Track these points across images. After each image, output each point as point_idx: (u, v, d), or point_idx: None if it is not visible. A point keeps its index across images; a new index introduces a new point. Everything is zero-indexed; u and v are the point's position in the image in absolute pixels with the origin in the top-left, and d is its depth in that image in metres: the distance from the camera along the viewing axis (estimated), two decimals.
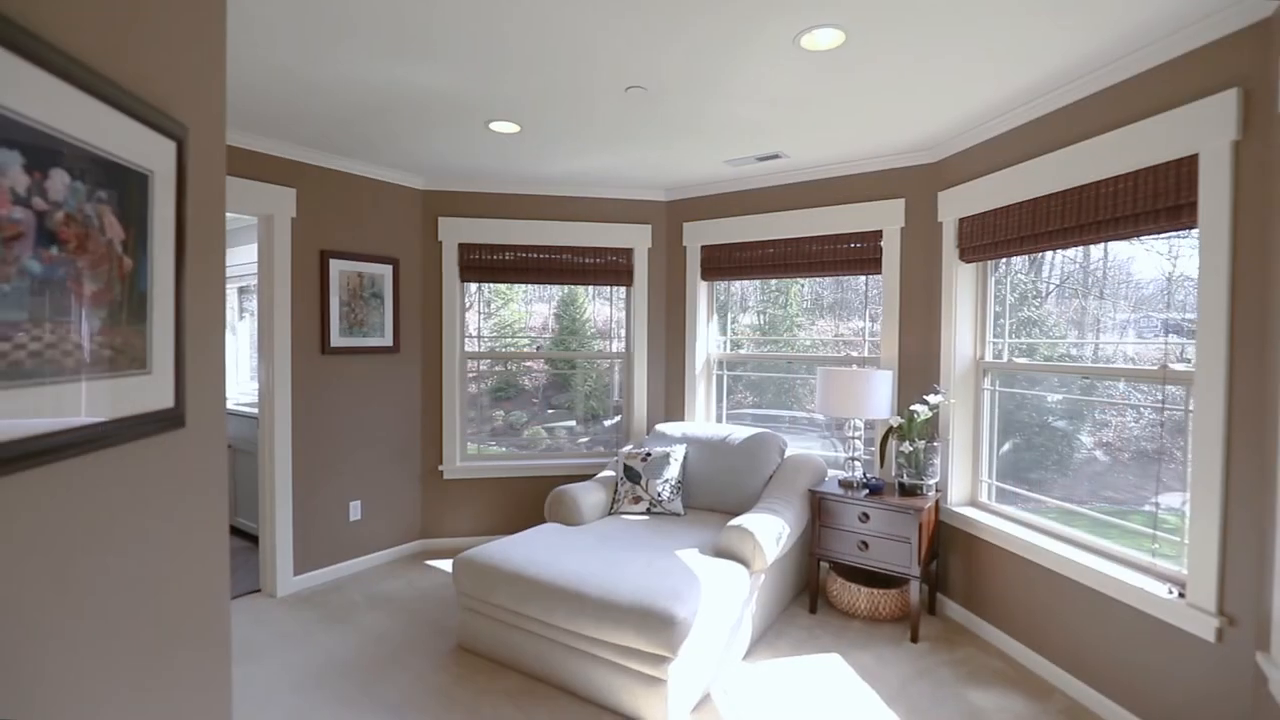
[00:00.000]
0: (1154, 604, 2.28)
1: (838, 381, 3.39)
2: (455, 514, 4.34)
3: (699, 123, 3.08)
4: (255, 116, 3.06)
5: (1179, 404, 2.54)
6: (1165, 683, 2.26)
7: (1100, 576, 2.49)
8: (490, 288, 5.66)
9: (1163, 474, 2.62)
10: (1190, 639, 2.17)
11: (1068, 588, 2.66)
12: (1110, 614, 2.47)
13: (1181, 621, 2.19)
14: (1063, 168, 2.63)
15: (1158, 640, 2.29)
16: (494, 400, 9.61)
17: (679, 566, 2.79)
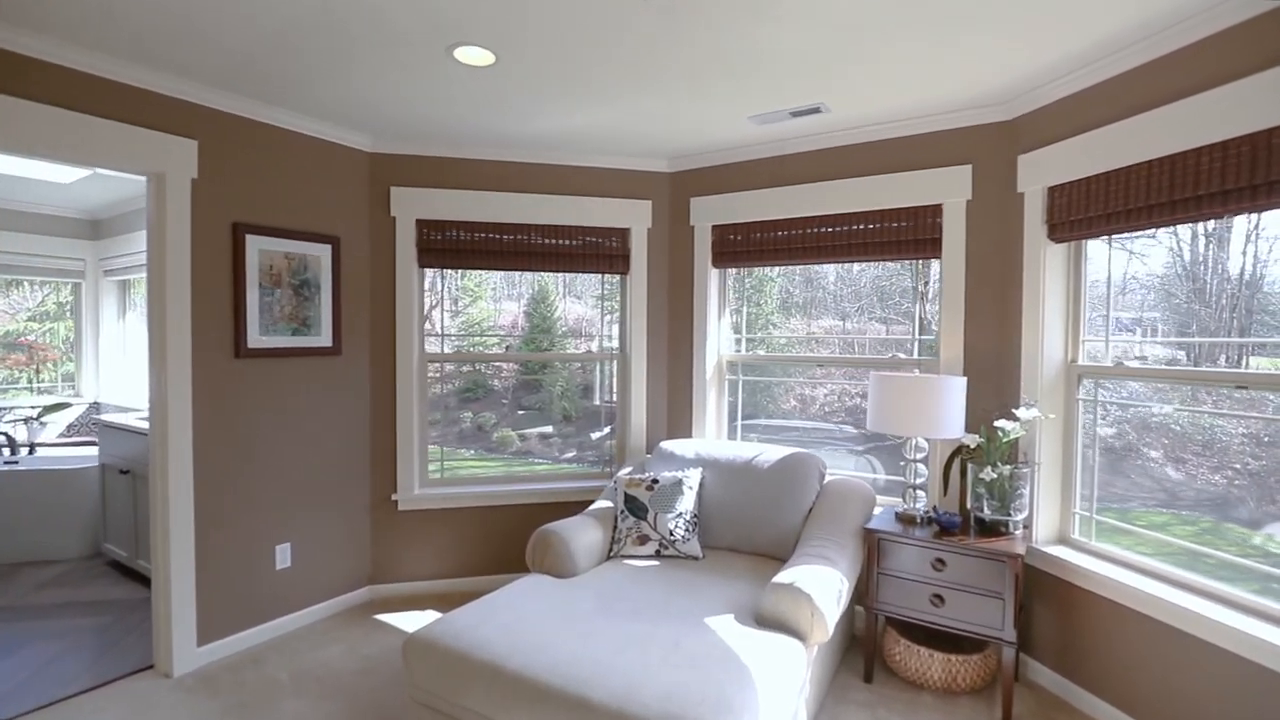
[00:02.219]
0: None
1: (895, 390, 2.70)
2: (414, 554, 3.53)
3: (733, 58, 2.35)
4: (135, 37, 2.23)
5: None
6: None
7: (1261, 645, 1.85)
8: (458, 283, 4.82)
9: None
10: None
11: (1211, 656, 2.01)
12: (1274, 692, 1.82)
13: None
14: (1226, 110, 1.98)
15: None
16: (461, 401, 8.71)
17: (717, 648, 2.06)
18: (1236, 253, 2.88)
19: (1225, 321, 2.51)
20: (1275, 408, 2.25)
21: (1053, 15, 2.07)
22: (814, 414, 5.62)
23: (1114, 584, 2.36)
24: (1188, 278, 2.59)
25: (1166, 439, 2.76)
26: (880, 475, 3.58)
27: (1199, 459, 2.60)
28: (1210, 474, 2.70)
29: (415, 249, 3.45)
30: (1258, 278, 2.94)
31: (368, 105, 2.88)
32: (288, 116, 2.97)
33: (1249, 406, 2.37)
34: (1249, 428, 2.40)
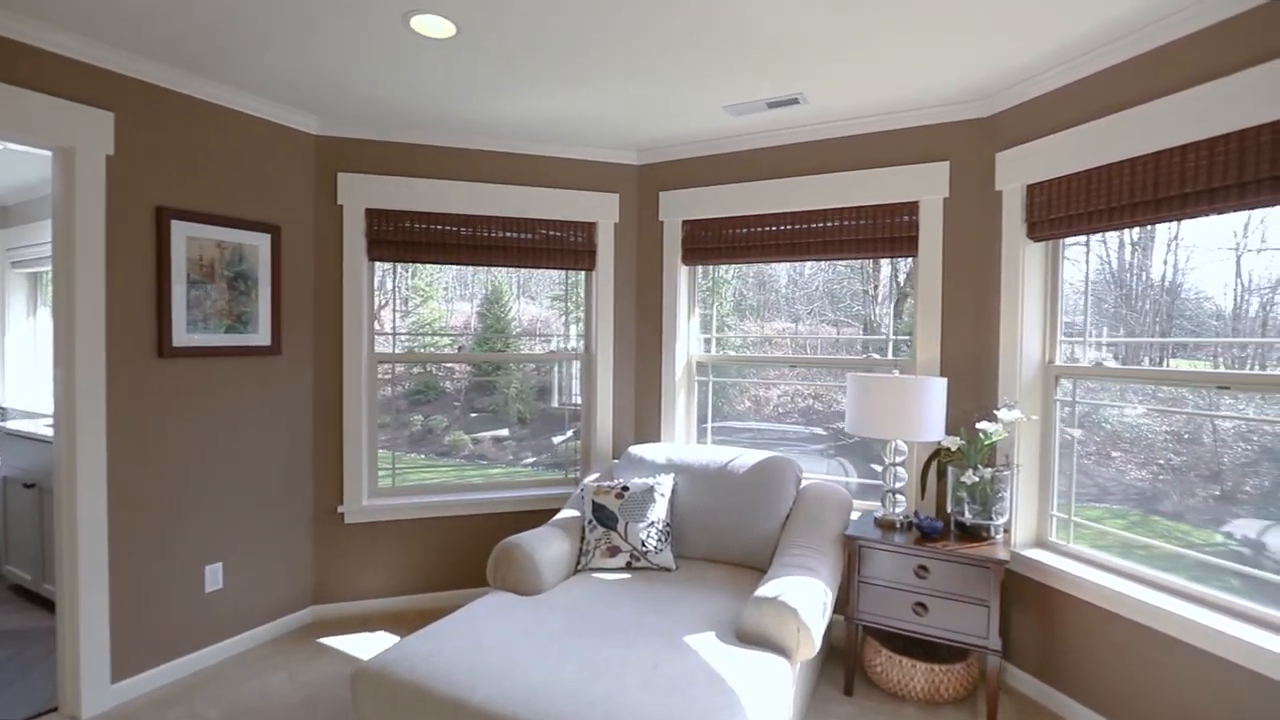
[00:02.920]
0: None
1: (876, 392, 2.62)
2: (362, 570, 3.26)
3: (712, 40, 2.21)
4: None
5: None
6: None
7: (1237, 643, 1.82)
8: (409, 283, 4.54)
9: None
10: None
11: (1237, 680, 1.98)
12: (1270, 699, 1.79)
13: None
14: (1226, 104, 1.95)
15: None
16: (411, 404, 8.33)
17: (699, 669, 1.91)
18: (1159, 261, 2.97)
19: (1149, 325, 2.55)
20: (1197, 405, 2.25)
21: (1033, 10, 2.01)
22: (768, 415, 5.56)
23: (1092, 586, 2.32)
24: (1116, 284, 2.59)
25: (1126, 441, 2.77)
26: (853, 478, 3.51)
27: (1155, 456, 2.61)
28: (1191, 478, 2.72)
29: (365, 240, 3.20)
30: (1177, 284, 3.03)
31: (313, 82, 2.63)
32: (223, 91, 2.69)
33: (1176, 404, 2.37)
34: (1178, 426, 2.40)
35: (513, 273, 8.38)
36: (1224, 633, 1.95)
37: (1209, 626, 1.98)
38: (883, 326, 4.41)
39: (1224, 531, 2.78)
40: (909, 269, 4.93)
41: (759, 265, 3.79)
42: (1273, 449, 2.85)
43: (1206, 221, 2.27)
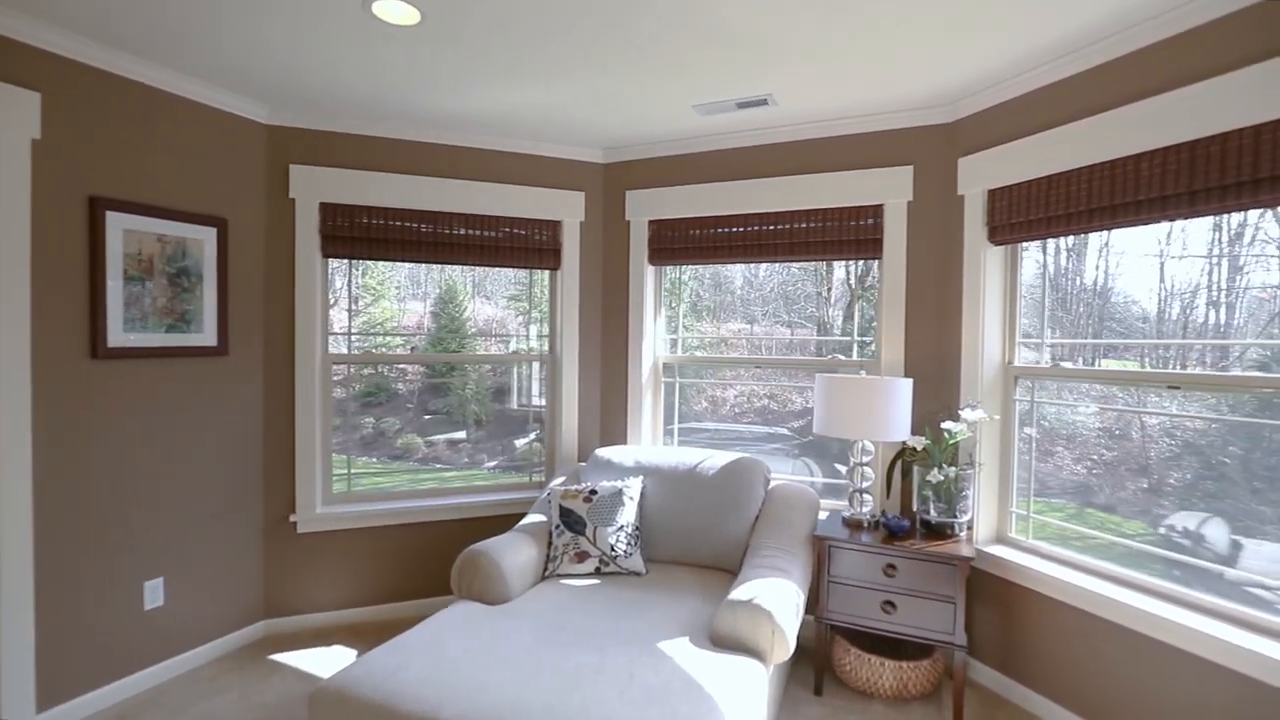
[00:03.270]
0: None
1: (843, 393, 2.64)
2: (317, 581, 3.12)
3: (684, 37, 2.18)
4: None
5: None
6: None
7: (1238, 652, 1.90)
8: (359, 280, 4.41)
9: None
10: None
11: (1178, 662, 2.06)
12: (1260, 707, 1.87)
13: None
14: (1176, 116, 2.02)
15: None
16: (362, 406, 8.08)
17: (676, 677, 1.88)
18: (1091, 266, 3.12)
19: (1083, 328, 2.66)
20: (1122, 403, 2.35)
21: (994, 20, 2.06)
22: (724, 415, 5.59)
23: (1049, 580, 2.40)
24: (1053, 288, 2.68)
25: (1063, 438, 2.88)
26: (819, 478, 3.54)
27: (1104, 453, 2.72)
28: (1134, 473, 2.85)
29: (318, 236, 3.05)
30: (1107, 289, 3.19)
31: (264, 68, 2.49)
32: (165, 75, 2.52)
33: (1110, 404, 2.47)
34: (1109, 423, 2.51)
35: (468, 272, 8.21)
36: (1169, 620, 2.04)
37: (1156, 615, 2.08)
38: (835, 328, 4.49)
39: (1166, 524, 2.94)
40: (859, 272, 5.04)
41: (715, 266, 3.79)
42: (1194, 444, 3.02)
43: (1135, 229, 2.38)
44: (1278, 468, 2.54)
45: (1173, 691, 2.05)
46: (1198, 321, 3.18)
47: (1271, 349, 2.49)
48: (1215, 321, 3.14)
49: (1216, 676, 1.94)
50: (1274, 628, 1.92)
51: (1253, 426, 2.48)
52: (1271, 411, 2.23)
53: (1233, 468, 2.82)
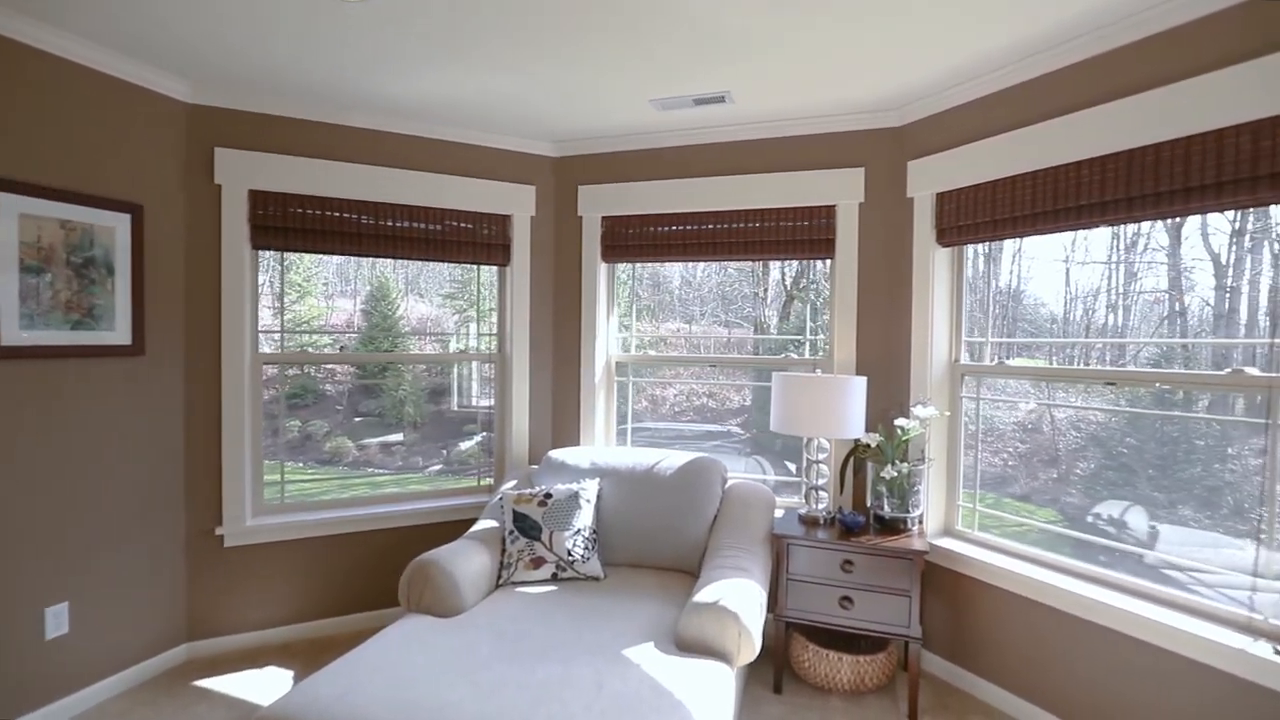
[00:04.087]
0: (1251, 667, 1.82)
1: (799, 391, 2.65)
2: (248, 598, 2.89)
3: (644, 26, 2.13)
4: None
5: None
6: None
7: (1157, 627, 2.01)
8: (284, 276, 4.17)
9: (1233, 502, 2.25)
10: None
11: (1106, 641, 2.16)
12: (1176, 676, 1.99)
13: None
14: (1106, 128, 2.12)
15: (1258, 713, 1.82)
16: (287, 408, 7.65)
17: (644, 685, 1.82)
18: (1005, 270, 3.33)
19: (997, 327, 2.80)
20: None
21: (941, 30, 2.12)
22: (663, 414, 5.62)
23: (993, 569, 2.49)
24: (970, 290, 2.80)
25: (983, 432, 3.02)
26: (771, 475, 3.57)
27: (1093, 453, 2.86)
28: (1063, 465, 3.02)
29: (248, 226, 2.83)
30: (1020, 291, 3.41)
31: (184, 38, 2.27)
32: (71, 43, 2.26)
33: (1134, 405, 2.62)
34: (1022, 418, 2.66)
35: (400, 269, 7.89)
36: (1097, 601, 2.16)
37: (1086, 598, 2.20)
38: (771, 328, 4.58)
39: (1093, 512, 3.12)
40: (795, 273, 5.15)
41: (654, 266, 3.76)
42: (1097, 435, 3.25)
43: (1046, 237, 2.53)
44: (1169, 456, 2.74)
45: (1102, 668, 2.16)
46: (1099, 322, 3.43)
47: (1163, 347, 2.72)
48: (1113, 322, 3.38)
49: (1139, 651, 2.06)
50: (1184, 603, 2.05)
51: (1148, 419, 2.68)
52: (1172, 405, 2.38)
53: (1130, 457, 3.04)
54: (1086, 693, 2.22)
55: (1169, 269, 3.22)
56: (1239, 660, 1.84)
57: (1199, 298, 3.06)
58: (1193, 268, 3.12)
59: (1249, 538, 2.09)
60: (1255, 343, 2.39)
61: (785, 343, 3.34)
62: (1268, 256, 2.77)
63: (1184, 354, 3.03)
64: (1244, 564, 2.01)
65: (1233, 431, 2.42)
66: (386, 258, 3.12)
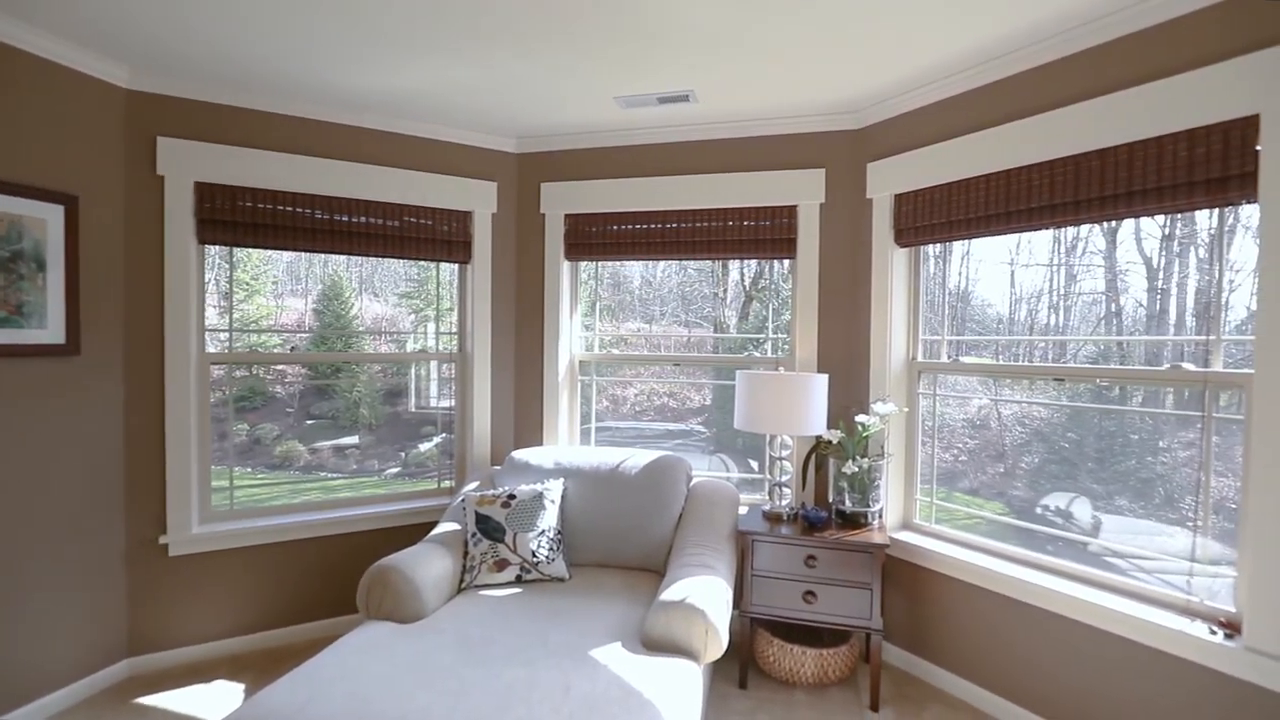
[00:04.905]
0: (1189, 646, 1.92)
1: (763, 389, 2.68)
2: (194, 609, 2.76)
3: (613, 23, 2.11)
4: None
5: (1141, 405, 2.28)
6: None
7: (1103, 612, 2.11)
8: (231, 274, 4.03)
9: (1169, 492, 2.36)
10: (1247, 688, 1.82)
11: (1056, 626, 2.25)
12: (1122, 658, 2.08)
13: (1234, 668, 1.83)
14: (1055, 133, 2.21)
15: (1195, 689, 1.92)
16: (236, 411, 7.40)
17: (613, 686, 1.81)
18: (954, 272, 3.46)
19: (948, 327, 2.90)
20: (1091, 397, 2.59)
21: (897, 36, 2.18)
22: (624, 414, 5.63)
23: (950, 561, 2.56)
24: (924, 290, 2.89)
25: (933, 428, 3.12)
26: (735, 473, 3.60)
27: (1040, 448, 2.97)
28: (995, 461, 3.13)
29: (194, 220, 2.70)
30: (968, 292, 3.55)
31: (122, 19, 2.15)
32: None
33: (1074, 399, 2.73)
34: (971, 414, 2.77)
35: (354, 267, 7.68)
36: (1048, 589, 2.25)
37: (1035, 584, 2.29)
38: (730, 327, 4.63)
39: (1041, 504, 3.26)
40: (754, 274, 5.23)
41: (614, 265, 3.75)
42: (1040, 430, 3.40)
43: (992, 239, 2.64)
44: (1107, 450, 2.88)
45: (1051, 652, 2.24)
46: (1041, 322, 3.59)
47: (1101, 345, 2.90)
48: (1055, 322, 3.55)
49: (1085, 635, 2.15)
50: (1126, 588, 2.15)
51: (1087, 414, 2.82)
52: (1109, 401, 2.49)
53: (1072, 451, 3.19)
54: (1037, 677, 2.31)
55: (1105, 271, 3.39)
56: (1178, 640, 1.94)
57: (1133, 299, 3.22)
58: (1127, 270, 3.28)
59: (1179, 525, 2.21)
60: (1184, 340, 2.53)
61: (745, 342, 3.37)
62: (1194, 260, 2.93)
63: (1120, 352, 3.19)
64: (1178, 550, 2.12)
65: (1164, 425, 2.55)
66: (343, 254, 3.02)
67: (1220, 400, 2.02)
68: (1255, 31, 1.79)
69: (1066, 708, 2.23)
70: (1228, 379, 1.95)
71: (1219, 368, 1.98)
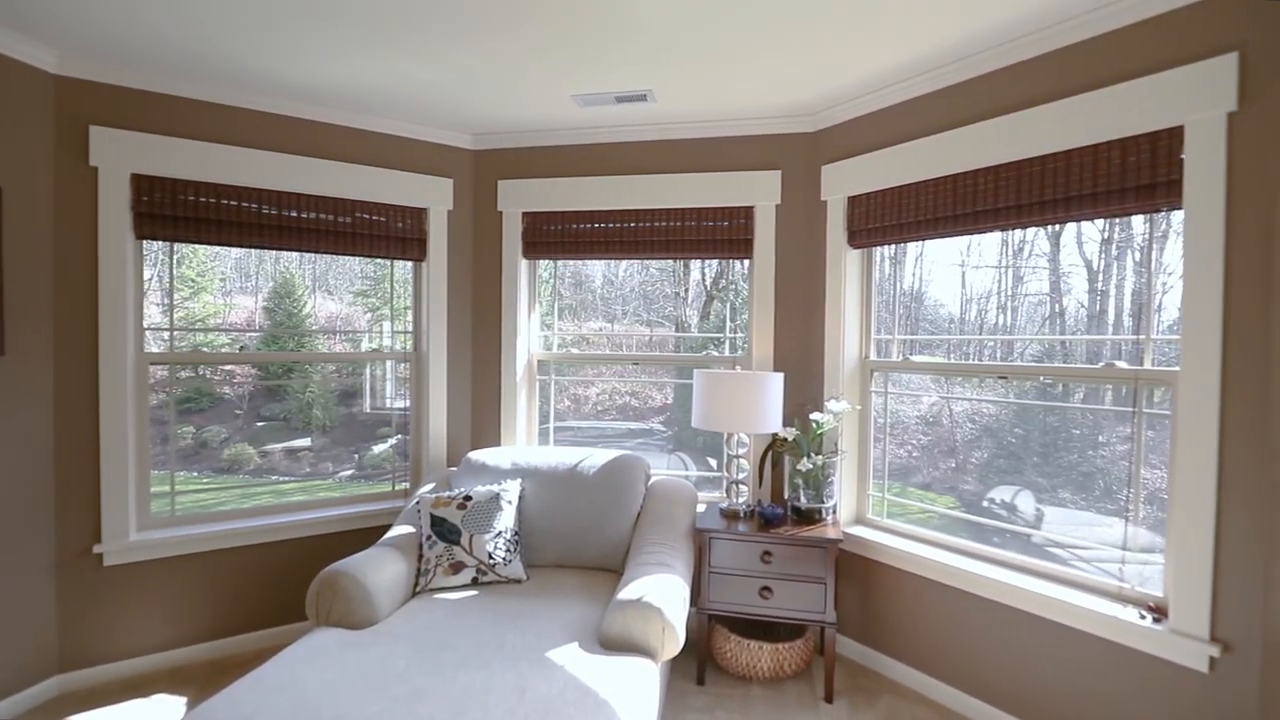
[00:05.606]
0: (1122, 631, 2.01)
1: (720, 388, 2.71)
2: (130, 621, 2.64)
3: (569, 20, 2.10)
4: None
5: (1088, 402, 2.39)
6: (1142, 719, 2.00)
7: (1044, 600, 2.19)
8: (174, 270, 3.86)
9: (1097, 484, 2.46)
10: (1174, 669, 1.92)
11: (1001, 616, 2.33)
12: (1061, 644, 2.17)
13: (1162, 650, 1.93)
14: (999, 139, 2.28)
15: (1128, 672, 2.02)
16: (179, 414, 7.13)
17: (569, 687, 1.80)
18: (909, 273, 3.59)
19: (901, 326, 3.01)
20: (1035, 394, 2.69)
21: (849, 42, 2.22)
22: (586, 413, 5.63)
23: (900, 554, 2.63)
24: (878, 291, 2.98)
25: (890, 425, 3.22)
26: (694, 471, 3.62)
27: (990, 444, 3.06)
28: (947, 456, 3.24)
29: (131, 213, 2.58)
30: (921, 293, 3.68)
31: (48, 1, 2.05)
32: None
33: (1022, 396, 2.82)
34: (924, 411, 2.87)
35: (307, 264, 7.45)
36: (993, 579, 2.33)
37: (981, 575, 2.36)
38: (692, 326, 4.68)
39: (988, 498, 3.38)
40: (715, 274, 5.29)
41: (576, 264, 3.74)
42: (989, 427, 3.55)
43: (945, 241, 2.73)
44: (1051, 444, 3.01)
45: (995, 640, 2.33)
46: (990, 322, 3.74)
47: (1045, 344, 3.04)
48: (1003, 322, 3.70)
49: (1028, 622, 2.23)
50: (1066, 577, 2.25)
51: (1033, 411, 2.94)
52: (1053, 398, 2.60)
53: (1018, 446, 3.33)
54: (982, 665, 2.39)
55: (1050, 274, 3.54)
56: (1111, 625, 2.03)
57: (1075, 300, 3.37)
58: (1069, 272, 3.43)
59: (1116, 515, 2.31)
60: (1122, 339, 2.65)
61: (706, 341, 3.40)
62: (1130, 264, 3.08)
63: (1062, 350, 3.33)
64: (1115, 539, 2.22)
65: (1103, 421, 2.68)
66: (291, 251, 2.93)
67: (1155, 396, 2.12)
68: (1180, 48, 1.88)
69: (1009, 693, 2.31)
70: (1157, 376, 2.05)
71: (1149, 365, 2.08)
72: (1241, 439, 1.79)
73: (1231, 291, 1.80)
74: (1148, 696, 1.98)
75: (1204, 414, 1.84)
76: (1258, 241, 1.76)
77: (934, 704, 2.51)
